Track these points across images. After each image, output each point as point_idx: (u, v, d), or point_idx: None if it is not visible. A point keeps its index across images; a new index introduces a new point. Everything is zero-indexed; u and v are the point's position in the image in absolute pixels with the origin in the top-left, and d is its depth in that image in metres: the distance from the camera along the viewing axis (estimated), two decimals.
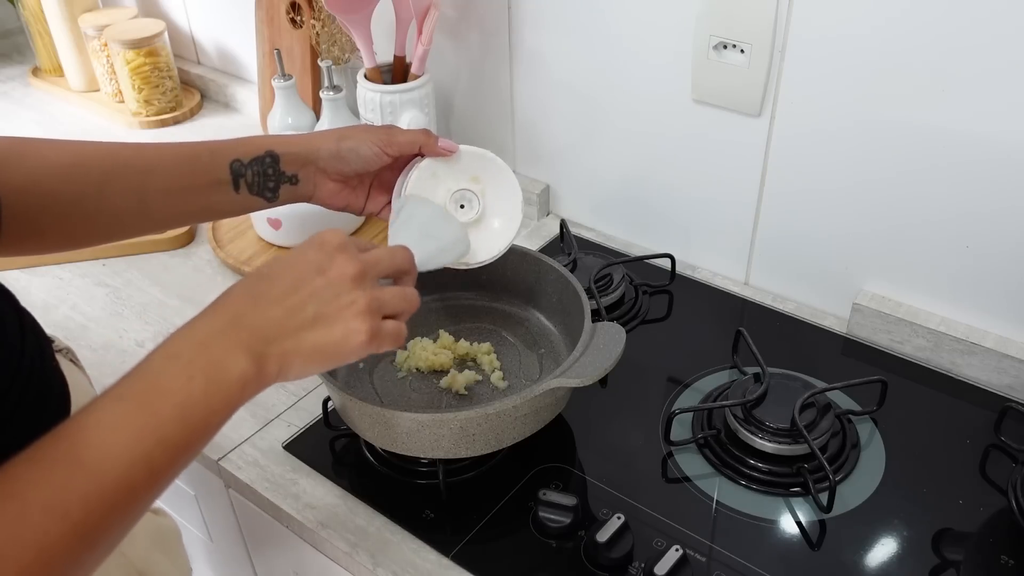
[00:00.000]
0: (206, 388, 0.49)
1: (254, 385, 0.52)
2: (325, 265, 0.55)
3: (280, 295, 0.54)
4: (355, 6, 1.05)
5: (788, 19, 0.86)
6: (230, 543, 1.01)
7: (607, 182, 1.11)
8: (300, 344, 0.53)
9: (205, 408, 0.49)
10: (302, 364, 0.54)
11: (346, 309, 0.55)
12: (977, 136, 0.80)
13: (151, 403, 0.48)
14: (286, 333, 0.53)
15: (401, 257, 0.62)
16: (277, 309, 0.53)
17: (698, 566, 0.72)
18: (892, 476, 0.79)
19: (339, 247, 0.57)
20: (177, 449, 0.48)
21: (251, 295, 0.54)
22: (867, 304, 0.94)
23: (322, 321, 0.54)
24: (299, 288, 0.54)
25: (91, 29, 1.43)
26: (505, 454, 0.81)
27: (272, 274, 0.55)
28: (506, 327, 0.92)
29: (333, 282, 0.55)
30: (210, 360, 0.50)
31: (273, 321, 0.53)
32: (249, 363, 0.51)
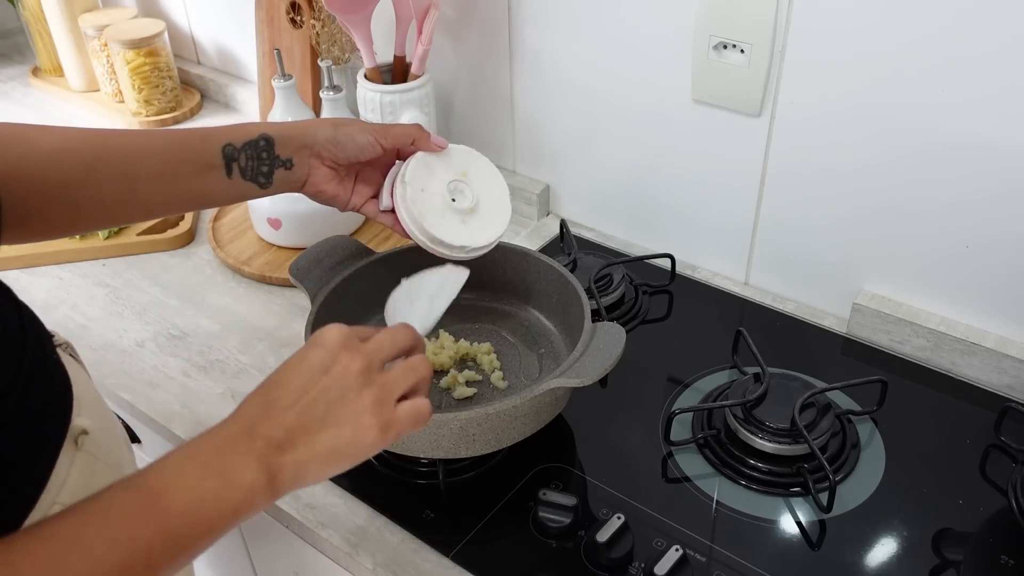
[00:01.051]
0: (217, 490, 0.49)
1: (264, 495, 0.51)
2: (328, 364, 0.55)
3: (290, 401, 0.54)
4: (355, 6, 1.05)
5: (788, 19, 0.86)
6: (230, 543, 1.01)
7: (607, 182, 1.11)
8: (314, 449, 0.53)
9: (213, 510, 0.49)
10: (318, 469, 0.54)
11: (354, 406, 0.54)
12: (977, 136, 0.80)
13: (162, 497, 0.48)
14: (299, 440, 0.53)
15: (403, 336, 0.60)
16: (288, 416, 0.53)
17: (698, 566, 0.72)
18: (892, 476, 0.79)
19: (341, 344, 0.56)
20: (179, 546, 0.48)
21: (263, 403, 0.54)
22: (867, 304, 0.94)
23: (331, 421, 0.54)
24: (307, 391, 0.54)
25: (91, 29, 1.43)
26: (505, 454, 0.81)
27: (280, 381, 0.55)
28: (506, 327, 0.92)
29: (338, 380, 0.54)
30: (224, 464, 0.50)
31: (285, 428, 0.53)
32: (260, 473, 0.51)
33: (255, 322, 1.01)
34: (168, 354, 0.97)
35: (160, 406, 0.90)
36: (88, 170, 0.67)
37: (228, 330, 1.00)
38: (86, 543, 0.44)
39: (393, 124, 0.76)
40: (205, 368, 0.95)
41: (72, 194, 0.67)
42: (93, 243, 1.13)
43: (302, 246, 0.99)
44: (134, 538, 0.46)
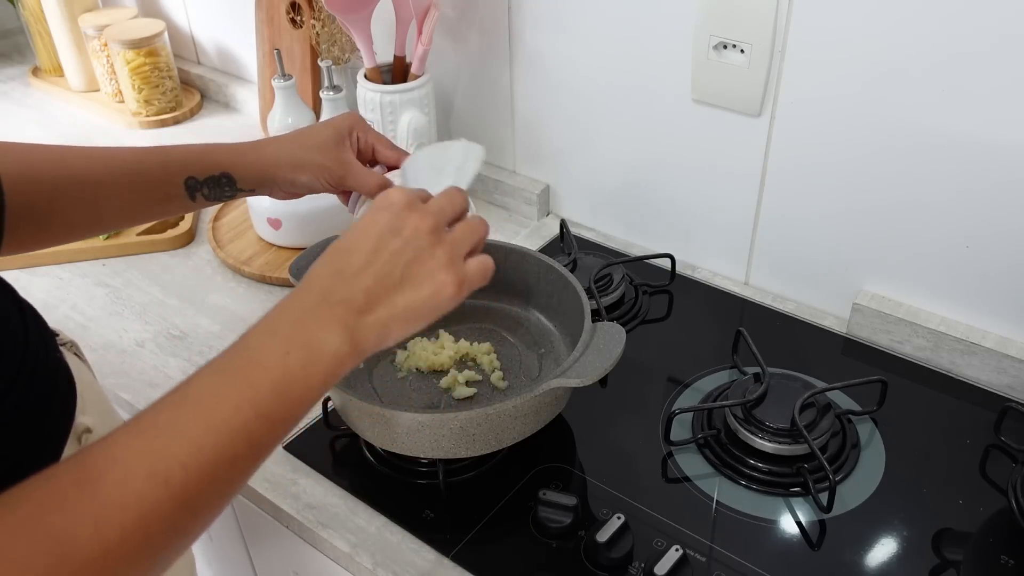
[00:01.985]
0: (303, 363, 0.50)
1: (350, 359, 0.52)
2: (399, 226, 0.55)
3: (363, 264, 0.54)
4: (355, 6, 1.05)
5: (788, 19, 0.86)
6: (230, 543, 1.01)
7: (607, 182, 1.11)
8: (394, 309, 0.54)
9: (302, 383, 0.49)
10: (400, 327, 0.54)
11: (430, 265, 0.55)
12: (977, 136, 0.80)
13: (250, 377, 0.48)
14: (378, 301, 0.53)
15: (460, 198, 0.61)
16: (364, 279, 0.54)
17: (698, 566, 0.72)
18: (892, 476, 0.79)
19: (407, 205, 0.57)
20: (275, 422, 0.49)
21: (335, 270, 0.54)
22: (867, 304, 0.94)
23: (410, 282, 0.54)
24: (380, 253, 0.54)
25: (91, 29, 1.43)
26: (505, 454, 0.81)
27: (350, 247, 0.55)
28: (506, 327, 0.92)
29: (411, 241, 0.55)
30: (306, 336, 0.51)
31: (362, 291, 0.53)
32: (344, 338, 0.51)
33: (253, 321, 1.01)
34: (168, 354, 0.97)
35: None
36: (51, 196, 0.68)
37: (228, 330, 1.00)
38: (185, 433, 0.45)
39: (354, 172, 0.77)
40: None
41: (37, 215, 0.68)
42: (93, 243, 1.13)
43: (302, 246, 0.99)
44: (230, 420, 0.46)
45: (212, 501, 0.47)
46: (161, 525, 0.43)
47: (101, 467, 0.43)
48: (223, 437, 0.46)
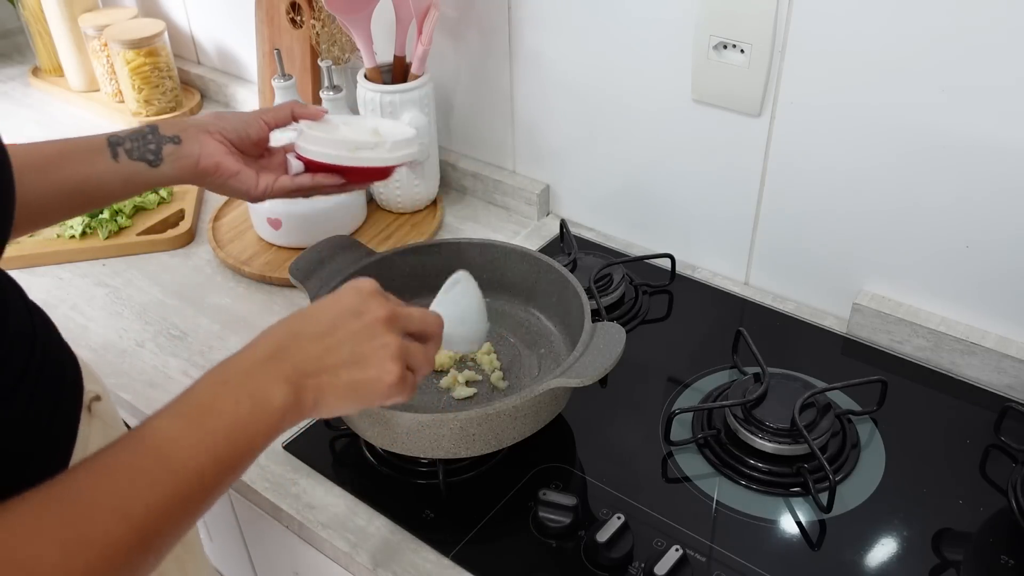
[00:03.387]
0: (252, 412, 0.52)
1: (293, 414, 0.54)
2: (361, 308, 0.58)
3: (319, 334, 0.57)
4: (355, 6, 1.05)
5: (788, 19, 0.86)
6: (230, 543, 1.01)
7: (607, 182, 1.11)
8: (336, 380, 0.56)
9: (251, 431, 0.52)
10: (336, 400, 0.56)
11: (380, 350, 0.57)
12: (977, 136, 0.80)
13: (205, 422, 0.51)
14: (324, 369, 0.56)
15: (433, 321, 0.64)
16: (316, 346, 0.56)
17: (698, 566, 0.72)
18: (892, 476, 0.79)
19: (372, 293, 0.60)
20: (225, 467, 0.51)
21: (292, 332, 0.57)
22: (867, 304, 0.94)
23: (357, 360, 0.57)
24: (337, 328, 0.57)
25: (91, 29, 1.43)
26: (505, 454, 0.81)
27: (311, 315, 0.58)
28: (506, 327, 0.92)
29: (368, 325, 0.58)
30: (255, 387, 0.53)
31: (312, 356, 0.56)
32: (289, 393, 0.54)
33: (255, 322, 1.01)
34: (168, 354, 0.97)
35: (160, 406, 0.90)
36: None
37: (228, 330, 1.00)
38: (148, 475, 0.47)
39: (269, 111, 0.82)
40: (205, 368, 0.94)
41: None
42: (93, 243, 1.13)
43: (302, 246, 0.99)
44: (187, 462, 0.49)
45: (165, 540, 0.48)
46: (121, 560, 0.45)
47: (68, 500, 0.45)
48: (180, 478, 0.48)
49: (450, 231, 1.17)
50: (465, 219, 1.20)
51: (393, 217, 1.18)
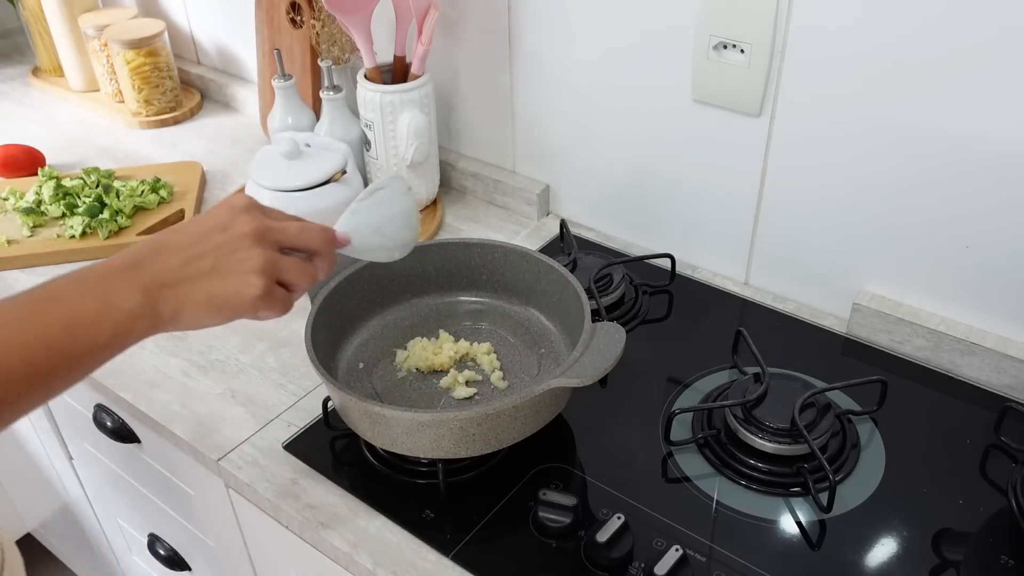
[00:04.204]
0: (97, 309, 0.53)
1: (145, 322, 0.55)
2: (228, 223, 0.59)
3: (182, 246, 0.58)
4: (355, 6, 1.05)
5: (788, 19, 0.86)
6: (230, 543, 1.01)
7: (607, 182, 1.11)
8: (194, 291, 0.57)
9: (92, 326, 0.53)
10: (195, 311, 0.57)
11: (242, 263, 0.58)
12: (977, 136, 0.80)
13: (42, 307, 0.52)
14: (182, 279, 0.57)
15: (312, 236, 0.63)
16: (177, 257, 0.57)
17: (698, 566, 0.72)
18: (892, 476, 0.79)
19: (244, 208, 0.60)
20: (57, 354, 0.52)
21: (156, 245, 0.58)
22: (867, 304, 0.94)
23: (218, 272, 0.58)
24: (201, 241, 0.58)
25: (91, 29, 1.43)
26: (505, 454, 0.81)
27: (179, 228, 0.60)
28: (506, 327, 0.92)
29: (233, 238, 0.59)
30: (107, 289, 0.54)
31: (171, 267, 0.57)
32: (142, 300, 0.55)
33: (255, 322, 1.01)
34: (168, 354, 0.97)
35: (160, 406, 0.90)
36: None
37: (228, 330, 1.00)
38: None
39: None
40: (205, 368, 0.95)
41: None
42: (93, 243, 1.13)
43: None
44: (13, 336, 0.50)
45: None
46: None
47: None
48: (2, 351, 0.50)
49: (450, 231, 1.17)
50: (465, 219, 1.20)
51: None
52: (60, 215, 1.17)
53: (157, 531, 1.21)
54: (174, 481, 1.03)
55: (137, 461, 1.08)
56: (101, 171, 1.23)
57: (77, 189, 1.19)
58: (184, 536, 1.14)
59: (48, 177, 1.21)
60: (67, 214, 1.16)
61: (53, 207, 1.17)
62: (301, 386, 0.92)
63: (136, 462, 1.09)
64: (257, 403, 0.90)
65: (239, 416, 0.89)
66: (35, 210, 1.16)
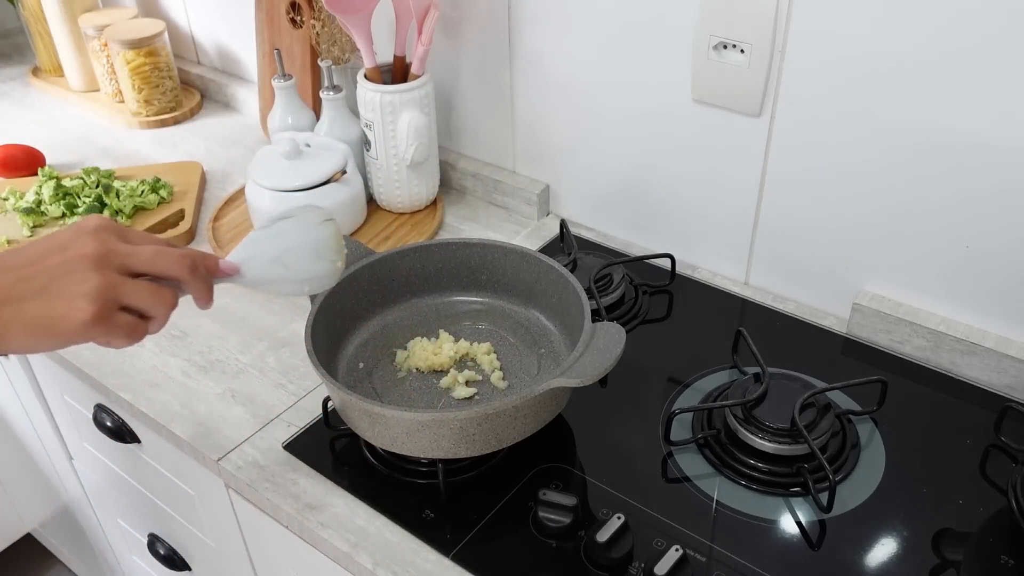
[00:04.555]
0: None
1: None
2: (68, 244, 0.56)
3: (14, 266, 0.55)
4: (355, 6, 1.05)
5: (788, 19, 0.86)
6: (230, 543, 1.01)
7: (607, 182, 1.11)
8: (21, 313, 0.54)
9: None
10: (21, 334, 0.55)
11: (74, 285, 0.55)
12: (977, 136, 0.80)
13: None
14: (9, 300, 0.54)
15: (168, 261, 0.60)
16: (7, 277, 0.55)
17: (698, 566, 0.72)
18: (892, 476, 0.79)
19: (92, 230, 0.57)
20: None
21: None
22: (867, 304, 0.94)
23: (47, 294, 0.55)
24: (36, 262, 0.56)
25: (91, 29, 1.43)
26: (505, 454, 0.81)
27: (21, 248, 0.57)
28: (506, 327, 0.92)
29: (68, 259, 0.56)
30: None
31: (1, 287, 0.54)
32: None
33: (255, 322, 1.01)
34: (168, 354, 0.97)
35: (160, 406, 0.90)
36: None
37: (228, 330, 1.00)
38: None
39: None
40: (205, 368, 0.95)
41: None
42: None
43: None
44: None
45: None
46: None
47: None
48: None
49: (450, 231, 1.17)
50: (465, 219, 1.20)
51: (393, 217, 1.18)
52: (60, 215, 1.17)
53: (157, 531, 1.21)
54: (174, 481, 1.03)
55: (137, 461, 1.08)
56: (101, 171, 1.23)
57: (77, 189, 1.19)
58: (184, 536, 1.14)
59: (48, 177, 1.21)
60: (67, 214, 1.16)
61: (53, 207, 1.17)
62: (301, 386, 0.92)
63: (136, 462, 1.09)
64: (257, 403, 0.90)
65: (239, 416, 0.89)
66: (35, 210, 1.16)
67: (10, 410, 1.39)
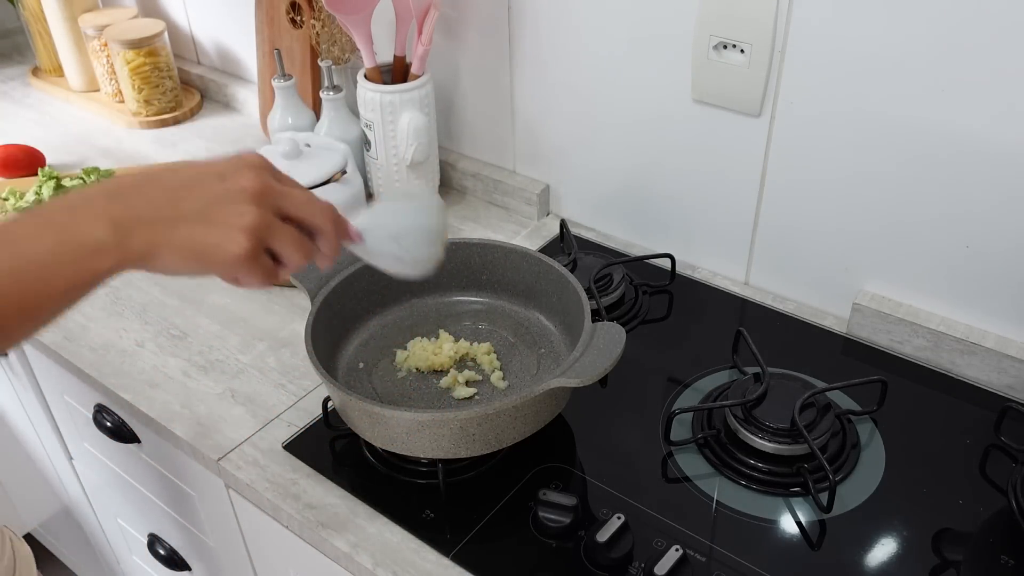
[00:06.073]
0: (54, 247, 0.48)
1: (111, 258, 0.50)
2: (229, 174, 0.54)
3: (171, 184, 0.52)
4: (355, 6, 1.05)
5: (788, 19, 0.86)
6: (230, 543, 1.01)
7: (607, 182, 1.11)
8: (173, 233, 0.51)
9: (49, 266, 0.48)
10: (170, 255, 0.52)
11: (234, 217, 0.52)
12: (977, 136, 0.80)
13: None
14: (163, 218, 0.51)
15: (319, 210, 0.57)
16: (162, 194, 0.52)
17: (698, 566, 0.72)
18: (892, 476, 0.79)
19: (252, 164, 0.55)
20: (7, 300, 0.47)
21: (144, 176, 0.53)
22: (867, 304, 0.94)
23: (204, 219, 0.52)
24: (194, 185, 0.53)
25: (91, 29, 1.43)
26: (505, 454, 0.81)
27: (175, 167, 0.54)
28: (506, 327, 0.92)
29: (230, 190, 0.53)
30: (70, 221, 0.49)
31: (152, 202, 0.51)
32: (110, 234, 0.49)
33: (255, 322, 1.01)
34: (168, 354, 0.97)
35: (160, 406, 0.90)
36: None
37: (228, 330, 1.00)
38: None
39: None
40: (205, 368, 0.95)
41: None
42: None
43: None
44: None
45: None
46: None
47: None
48: None
49: (450, 231, 1.17)
50: (465, 219, 1.20)
51: None
52: None
53: (157, 531, 1.21)
54: (174, 481, 1.03)
55: (137, 461, 1.08)
56: (101, 171, 1.23)
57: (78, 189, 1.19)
58: (184, 536, 1.14)
59: (48, 177, 1.21)
60: None
61: None
62: (301, 386, 0.92)
63: (136, 462, 1.09)
64: (257, 403, 0.90)
65: (239, 416, 0.89)
66: None
67: (10, 410, 1.39)
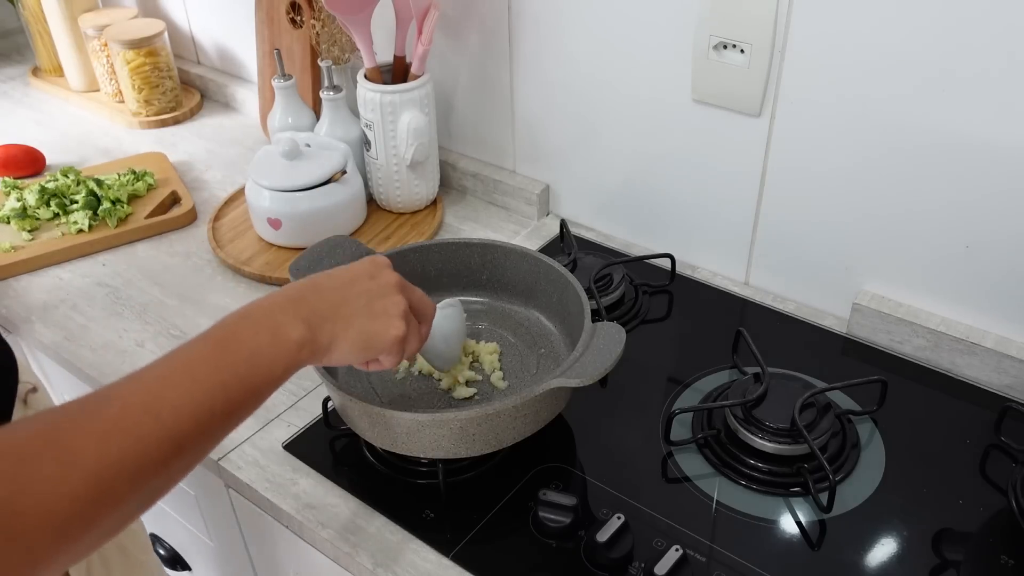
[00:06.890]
0: (271, 342, 0.58)
1: (308, 350, 0.60)
2: (375, 273, 0.66)
3: (337, 287, 0.64)
4: (355, 6, 1.05)
5: (788, 19, 0.86)
6: (230, 543, 1.01)
7: (607, 182, 1.11)
8: (349, 327, 0.62)
9: (270, 358, 0.57)
10: (347, 345, 0.62)
11: (391, 307, 0.65)
12: (977, 136, 0.80)
13: (228, 346, 0.56)
14: (339, 316, 0.62)
15: (430, 305, 0.71)
16: (334, 295, 0.63)
17: (698, 566, 0.72)
18: (892, 476, 0.79)
19: (386, 264, 0.68)
20: (247, 386, 0.56)
21: (312, 284, 0.64)
22: (867, 304, 0.94)
23: (369, 312, 0.64)
24: (353, 284, 0.65)
25: (91, 29, 1.43)
26: (505, 454, 0.81)
27: (331, 273, 0.66)
28: (506, 327, 0.92)
29: (382, 285, 0.65)
30: (275, 323, 0.59)
31: (329, 303, 0.62)
32: (305, 331, 0.59)
33: None
34: None
35: None
36: None
37: None
38: (175, 383, 0.52)
39: None
40: None
41: None
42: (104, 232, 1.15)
43: (302, 246, 0.99)
44: (211, 376, 0.54)
45: (194, 445, 0.53)
46: (153, 455, 0.49)
47: (103, 402, 0.50)
48: (205, 388, 0.53)
49: (450, 231, 1.17)
50: (465, 219, 1.20)
51: (393, 217, 1.18)
52: (52, 216, 1.17)
53: (157, 531, 1.21)
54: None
55: None
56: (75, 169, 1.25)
57: (63, 189, 1.20)
58: (184, 536, 1.14)
59: (12, 187, 1.21)
60: (60, 213, 1.17)
61: (42, 210, 1.17)
62: (301, 386, 0.92)
63: None
64: None
65: None
66: (27, 215, 1.16)
67: None
